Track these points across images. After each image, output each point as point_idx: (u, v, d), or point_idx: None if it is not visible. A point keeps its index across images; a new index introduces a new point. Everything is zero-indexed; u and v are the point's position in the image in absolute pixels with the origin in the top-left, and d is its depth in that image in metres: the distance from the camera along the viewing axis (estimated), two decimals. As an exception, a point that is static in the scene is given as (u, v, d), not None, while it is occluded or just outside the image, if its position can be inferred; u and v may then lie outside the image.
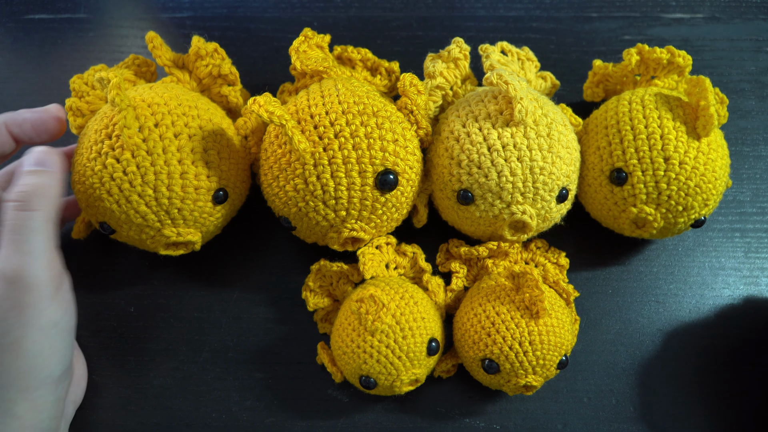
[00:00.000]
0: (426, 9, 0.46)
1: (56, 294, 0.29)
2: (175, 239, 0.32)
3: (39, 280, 0.28)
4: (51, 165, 0.30)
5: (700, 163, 0.32)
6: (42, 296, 0.28)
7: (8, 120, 0.32)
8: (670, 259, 0.39)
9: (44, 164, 0.30)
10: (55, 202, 0.30)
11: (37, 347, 0.28)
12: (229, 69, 0.37)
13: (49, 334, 0.29)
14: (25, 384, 0.28)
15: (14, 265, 0.28)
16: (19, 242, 0.28)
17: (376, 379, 0.32)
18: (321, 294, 0.36)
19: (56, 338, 0.29)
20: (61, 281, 0.30)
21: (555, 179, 0.32)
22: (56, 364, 0.29)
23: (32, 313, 0.28)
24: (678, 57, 0.36)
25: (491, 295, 0.33)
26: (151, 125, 0.30)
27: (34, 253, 0.28)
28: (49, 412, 0.29)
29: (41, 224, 0.29)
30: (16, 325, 0.28)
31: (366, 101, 0.32)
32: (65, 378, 0.31)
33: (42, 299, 0.28)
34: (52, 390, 0.29)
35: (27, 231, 0.28)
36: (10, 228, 0.28)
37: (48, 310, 0.28)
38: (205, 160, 0.32)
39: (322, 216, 0.32)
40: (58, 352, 0.29)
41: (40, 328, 0.28)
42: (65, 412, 0.33)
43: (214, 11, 0.46)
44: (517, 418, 0.36)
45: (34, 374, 0.28)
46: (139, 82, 0.36)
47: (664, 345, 0.38)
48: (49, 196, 0.29)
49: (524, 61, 0.39)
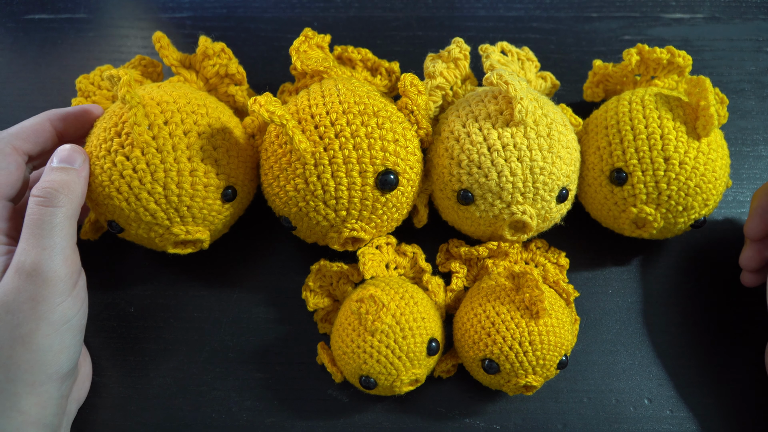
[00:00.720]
0: (426, 9, 0.46)
1: (72, 290, 0.30)
2: (183, 237, 0.32)
3: (56, 275, 0.28)
4: (77, 163, 0.31)
5: (700, 163, 0.32)
6: (58, 291, 0.29)
7: (51, 115, 0.33)
8: (670, 259, 0.39)
9: (71, 162, 0.30)
10: (77, 199, 0.30)
11: (47, 342, 0.28)
12: (236, 69, 0.37)
13: (61, 330, 0.29)
14: (33, 378, 0.28)
15: (33, 259, 0.28)
16: (39, 237, 0.28)
17: (376, 379, 0.32)
18: (321, 294, 0.36)
19: (67, 334, 0.29)
20: (78, 278, 0.30)
21: (555, 179, 0.32)
22: (65, 360, 0.29)
23: (46, 308, 0.28)
24: (678, 57, 0.36)
25: (491, 295, 0.33)
26: (161, 123, 0.30)
27: (53, 249, 0.29)
28: (53, 409, 0.30)
29: (62, 220, 0.29)
30: (30, 318, 0.28)
31: (366, 101, 0.32)
32: (71, 375, 0.31)
33: (57, 294, 0.29)
34: (57, 386, 0.30)
35: (48, 226, 0.29)
36: (32, 222, 0.29)
37: (62, 305, 0.29)
38: (214, 157, 0.32)
39: (322, 216, 0.32)
40: (67, 349, 0.30)
41: (52, 323, 0.28)
42: (68, 410, 0.33)
43: (214, 11, 0.46)
44: (517, 418, 0.36)
45: (42, 369, 0.29)
46: (146, 82, 0.37)
47: (664, 345, 0.38)
48: (72, 193, 0.30)
49: (524, 61, 0.39)
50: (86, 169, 0.31)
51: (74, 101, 0.35)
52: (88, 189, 0.31)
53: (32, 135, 0.32)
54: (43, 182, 0.30)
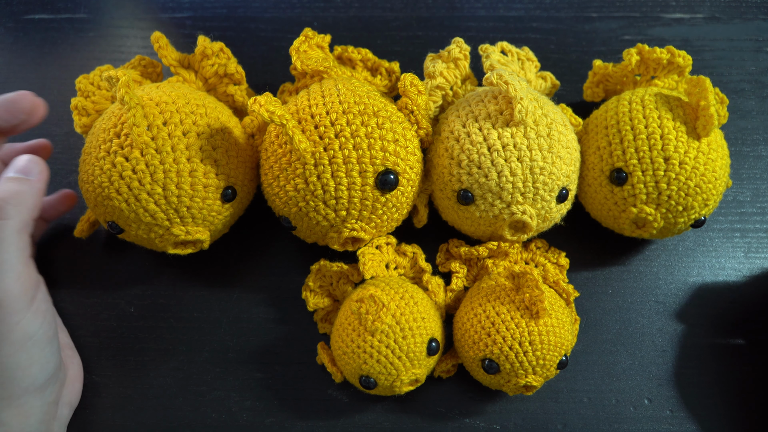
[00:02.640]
0: (426, 9, 0.46)
1: (29, 306, 0.28)
2: (183, 238, 0.32)
3: (8, 295, 0.27)
4: (34, 174, 0.29)
5: (700, 163, 0.32)
6: (13, 311, 0.27)
7: None
8: (670, 259, 0.39)
9: (27, 173, 0.29)
10: (30, 212, 0.29)
11: (13, 360, 0.27)
12: (235, 68, 0.37)
13: (25, 346, 0.28)
14: (7, 393, 0.27)
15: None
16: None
17: (376, 379, 0.32)
18: (321, 294, 0.36)
19: (33, 349, 0.28)
20: (35, 292, 0.29)
21: (555, 179, 0.32)
22: (37, 372, 0.28)
23: (4, 329, 0.27)
24: (678, 57, 0.36)
25: (491, 295, 0.33)
26: (160, 123, 0.30)
27: (2, 266, 0.27)
28: (37, 416, 0.29)
29: (11, 234, 0.27)
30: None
31: (367, 101, 0.32)
32: (53, 383, 0.30)
33: (13, 314, 0.27)
34: (38, 395, 0.29)
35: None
36: None
37: (21, 323, 0.27)
38: (214, 158, 0.32)
39: (322, 216, 0.32)
40: (37, 362, 0.28)
41: (13, 342, 0.27)
42: (59, 414, 0.32)
43: (214, 11, 0.46)
44: (517, 418, 0.36)
45: (15, 383, 0.27)
46: (145, 83, 0.37)
47: (664, 345, 0.38)
48: (24, 205, 0.28)
49: (524, 61, 0.39)
50: (42, 180, 0.30)
51: (74, 101, 0.35)
52: (88, 190, 0.31)
53: None
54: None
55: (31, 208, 0.29)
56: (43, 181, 0.30)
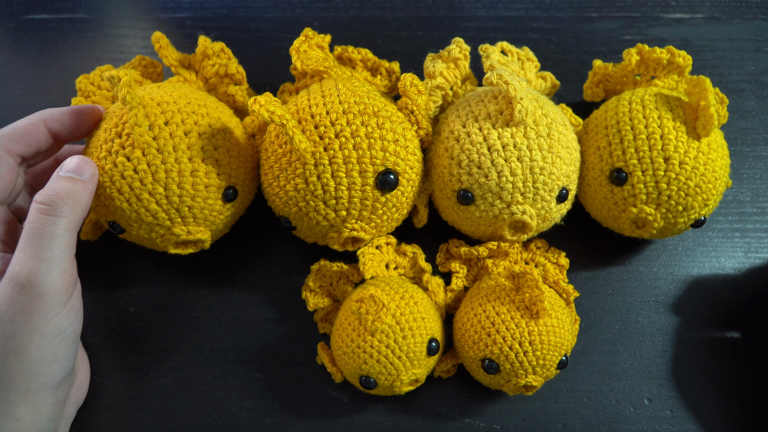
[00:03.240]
0: (426, 9, 0.46)
1: (67, 303, 0.29)
2: (185, 237, 0.32)
3: (51, 289, 0.28)
4: (85, 174, 0.30)
5: (700, 163, 0.32)
6: (52, 305, 0.28)
7: (45, 116, 0.32)
8: (670, 259, 0.39)
9: (79, 173, 0.30)
10: (81, 211, 0.29)
11: (40, 353, 0.28)
12: (235, 68, 0.37)
13: (54, 341, 0.28)
14: (26, 387, 0.28)
15: (29, 270, 0.27)
16: (38, 247, 0.27)
17: (376, 379, 0.32)
18: (321, 294, 0.36)
19: (61, 345, 0.29)
20: (73, 290, 0.30)
21: (555, 179, 0.32)
22: (58, 369, 0.29)
23: (40, 321, 0.28)
24: (678, 57, 0.36)
25: (491, 295, 0.33)
26: (161, 123, 0.30)
27: (51, 261, 0.28)
28: (49, 414, 0.29)
29: (63, 232, 0.28)
30: (22, 330, 0.27)
31: (367, 101, 0.32)
32: (67, 381, 0.31)
33: (52, 308, 0.28)
34: (52, 393, 0.29)
35: (48, 237, 0.28)
36: (32, 231, 0.28)
37: (56, 318, 0.28)
38: (215, 158, 0.32)
39: (322, 216, 0.32)
40: (61, 359, 0.29)
41: (45, 335, 0.28)
42: (66, 413, 0.33)
43: (214, 11, 0.46)
44: (517, 418, 0.36)
45: (36, 378, 0.28)
46: (146, 83, 0.37)
47: (664, 345, 0.38)
48: (77, 204, 0.29)
49: (524, 61, 0.39)
50: (94, 182, 0.30)
51: (74, 101, 0.35)
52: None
53: (25, 136, 0.31)
54: (48, 189, 0.29)
55: (84, 207, 0.30)
56: (94, 183, 0.30)
